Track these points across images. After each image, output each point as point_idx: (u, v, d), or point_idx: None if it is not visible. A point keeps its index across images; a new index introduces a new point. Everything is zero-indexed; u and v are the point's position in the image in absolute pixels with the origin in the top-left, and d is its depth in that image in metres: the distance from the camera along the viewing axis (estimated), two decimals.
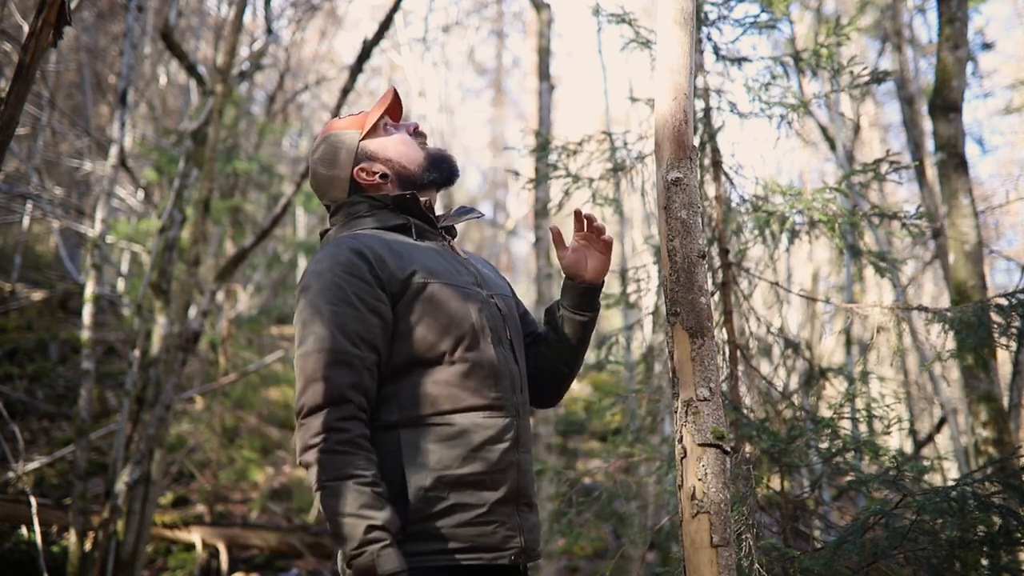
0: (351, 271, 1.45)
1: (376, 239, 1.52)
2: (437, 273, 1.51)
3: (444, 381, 1.46)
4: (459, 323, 1.48)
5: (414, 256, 1.52)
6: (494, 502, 1.44)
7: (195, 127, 6.15)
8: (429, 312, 1.47)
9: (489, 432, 1.46)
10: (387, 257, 1.48)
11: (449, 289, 1.50)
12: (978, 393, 3.41)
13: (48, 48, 1.91)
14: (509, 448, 1.48)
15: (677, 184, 1.51)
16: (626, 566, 6.08)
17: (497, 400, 1.49)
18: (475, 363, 1.48)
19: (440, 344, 1.46)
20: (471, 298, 1.53)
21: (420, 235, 1.61)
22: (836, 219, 2.79)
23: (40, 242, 12.24)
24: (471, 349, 1.48)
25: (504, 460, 1.46)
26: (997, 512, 2.03)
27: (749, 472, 2.34)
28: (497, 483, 1.45)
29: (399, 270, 1.47)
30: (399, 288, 1.47)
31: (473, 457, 1.43)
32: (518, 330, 1.65)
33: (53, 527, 6.14)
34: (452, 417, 1.45)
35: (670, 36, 1.58)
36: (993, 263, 10.78)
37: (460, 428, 1.44)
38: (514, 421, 1.51)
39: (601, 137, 3.34)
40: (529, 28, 9.79)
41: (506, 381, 1.52)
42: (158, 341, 5.84)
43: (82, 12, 8.98)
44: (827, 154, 9.51)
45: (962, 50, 3.84)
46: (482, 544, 1.41)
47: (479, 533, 1.41)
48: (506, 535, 1.44)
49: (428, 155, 1.68)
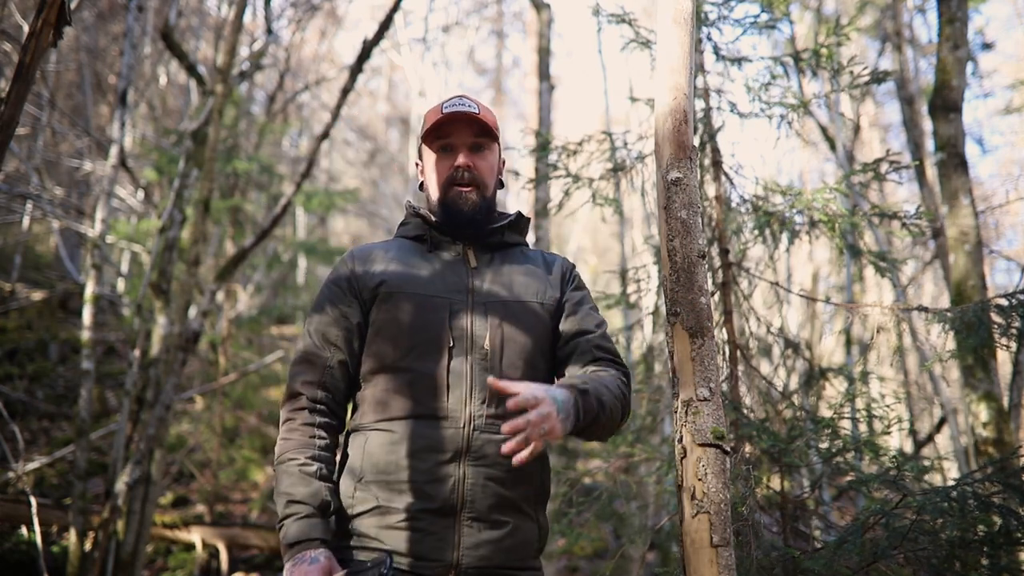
0: (333, 278, 1.62)
1: (385, 247, 1.65)
2: (405, 284, 1.56)
3: (392, 388, 1.51)
4: (412, 333, 1.51)
5: (395, 266, 1.59)
6: (423, 510, 1.43)
7: (195, 127, 6.15)
8: (388, 322, 1.54)
9: (425, 441, 1.46)
10: (371, 266, 1.59)
11: (412, 299, 1.54)
12: (978, 393, 3.40)
13: (48, 48, 1.91)
14: (449, 460, 1.45)
15: (677, 184, 1.51)
16: (626, 566, 6.08)
17: (439, 411, 1.47)
18: (420, 373, 1.49)
19: (393, 352, 1.52)
20: (438, 308, 1.53)
21: (435, 246, 1.65)
22: (836, 219, 2.79)
23: (40, 242, 12.24)
24: (419, 359, 1.50)
25: (441, 471, 1.44)
26: (997, 512, 2.03)
27: (749, 472, 2.34)
28: (427, 493, 1.44)
29: (371, 279, 1.57)
30: (369, 296, 1.57)
31: (407, 464, 1.45)
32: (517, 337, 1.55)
33: (53, 527, 6.13)
34: (395, 423, 1.49)
35: (670, 36, 1.59)
36: (993, 263, 10.78)
37: (400, 435, 1.47)
38: (461, 433, 1.46)
39: (601, 137, 3.34)
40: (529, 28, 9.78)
41: (456, 392, 1.48)
42: (158, 341, 5.84)
43: (82, 12, 8.98)
44: (827, 154, 9.51)
45: (962, 50, 3.84)
46: (403, 549, 1.42)
47: (402, 538, 1.43)
48: (433, 545, 1.42)
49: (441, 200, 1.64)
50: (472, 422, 1.47)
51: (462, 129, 1.62)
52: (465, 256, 1.63)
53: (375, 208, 16.04)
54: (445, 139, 1.63)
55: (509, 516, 1.48)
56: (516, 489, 1.49)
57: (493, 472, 1.47)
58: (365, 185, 16.27)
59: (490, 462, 1.47)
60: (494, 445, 1.47)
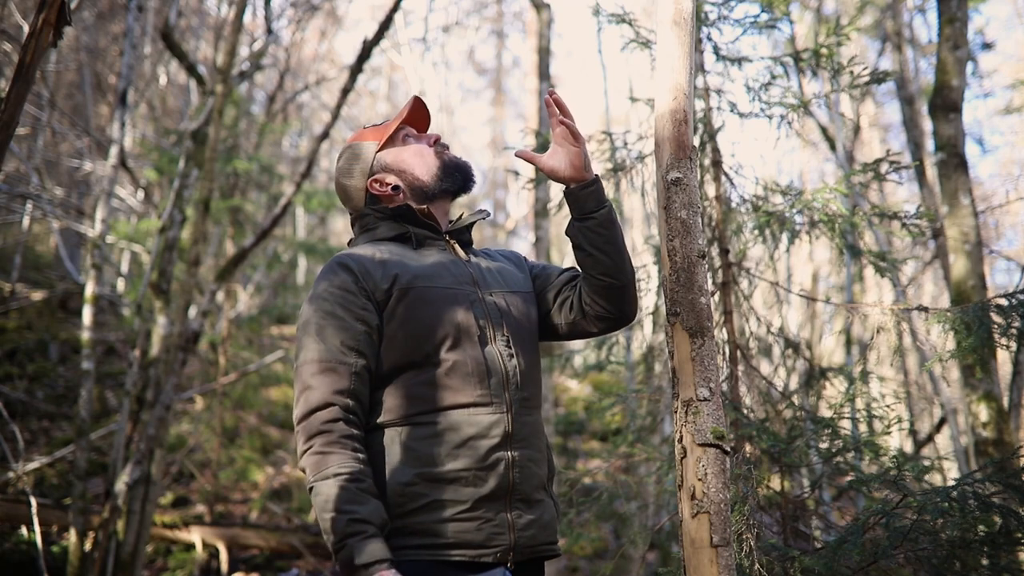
0: (337, 283, 1.54)
1: (368, 251, 1.60)
2: (420, 278, 1.55)
3: (427, 382, 1.49)
4: (441, 324, 1.51)
5: (400, 264, 1.57)
6: (478, 499, 1.44)
7: (195, 127, 6.15)
8: (411, 316, 1.52)
9: (473, 429, 1.47)
10: (372, 268, 1.55)
11: (432, 292, 1.54)
12: (978, 393, 3.41)
13: (48, 48, 1.91)
14: (498, 444, 1.48)
15: (677, 184, 1.51)
16: (626, 566, 6.08)
17: (482, 397, 1.49)
18: (457, 362, 1.50)
19: (423, 346, 1.50)
20: (457, 298, 1.55)
21: (420, 243, 1.65)
22: (836, 219, 2.79)
23: (40, 242, 12.24)
24: (453, 349, 1.51)
25: (491, 456, 1.46)
26: (997, 512, 2.03)
27: (749, 472, 2.34)
28: (482, 480, 1.45)
29: (383, 279, 1.54)
30: (383, 296, 1.53)
31: (456, 454, 1.45)
32: (523, 326, 1.64)
33: (53, 527, 6.13)
34: (435, 416, 1.48)
35: (670, 36, 1.58)
36: (993, 263, 10.79)
37: (443, 426, 1.47)
38: (504, 417, 1.50)
39: (601, 137, 3.35)
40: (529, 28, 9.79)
41: (495, 378, 1.52)
42: (158, 341, 5.84)
43: (82, 12, 8.98)
44: (827, 154, 9.51)
45: (962, 50, 3.84)
46: (464, 540, 1.42)
47: (462, 529, 1.42)
48: (492, 532, 1.44)
49: (443, 164, 1.69)
50: (513, 406, 1.52)
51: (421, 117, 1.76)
52: (454, 250, 1.67)
53: None
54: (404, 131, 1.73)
55: (543, 495, 1.56)
56: (543, 469, 1.58)
57: (532, 453, 1.54)
58: None
59: (528, 444, 1.53)
60: (527, 427, 1.54)
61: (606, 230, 1.60)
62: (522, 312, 1.65)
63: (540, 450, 1.57)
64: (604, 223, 1.60)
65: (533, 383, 1.60)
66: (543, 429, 1.62)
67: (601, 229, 1.59)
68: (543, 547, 1.53)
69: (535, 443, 1.56)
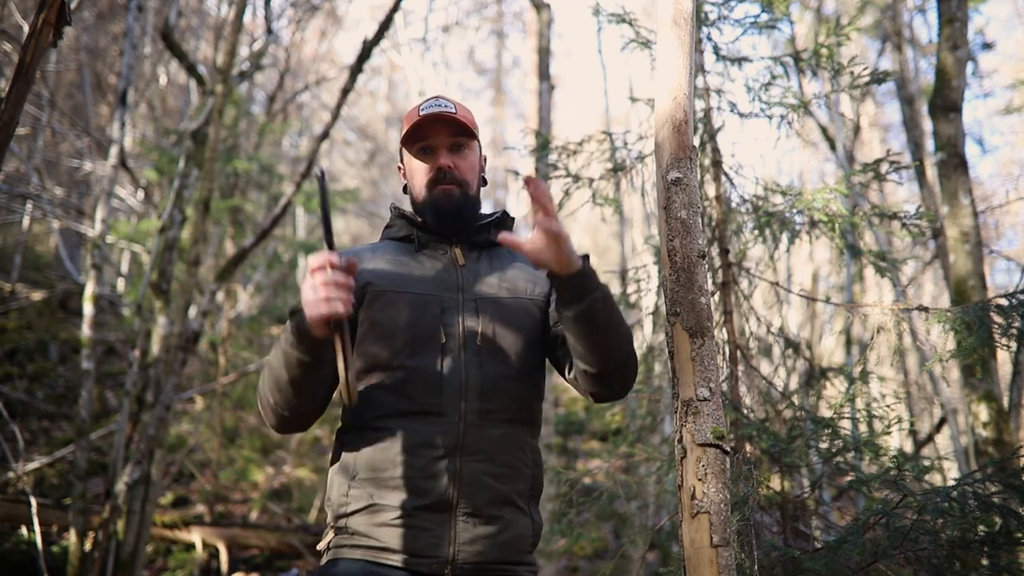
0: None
1: (373, 248, 1.66)
2: (394, 283, 1.57)
3: (385, 386, 1.51)
4: (403, 331, 1.52)
5: (384, 267, 1.60)
6: (418, 507, 1.44)
7: (195, 127, 6.15)
8: (378, 321, 1.54)
9: (418, 438, 1.47)
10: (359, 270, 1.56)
11: (402, 297, 1.55)
12: (978, 393, 3.41)
13: (48, 48, 1.91)
14: (444, 455, 1.46)
15: (677, 184, 1.51)
16: (626, 566, 6.08)
17: (432, 406, 1.48)
18: (413, 369, 1.50)
19: (385, 351, 1.52)
20: (428, 305, 1.54)
21: (423, 245, 1.66)
22: (836, 219, 2.79)
23: (40, 242, 12.24)
24: (411, 356, 1.51)
25: (435, 467, 1.45)
26: (997, 512, 2.03)
27: (749, 472, 2.34)
28: (423, 489, 1.44)
29: (361, 281, 1.56)
30: (358, 296, 1.55)
31: (400, 460, 1.46)
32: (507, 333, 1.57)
33: (53, 527, 6.13)
34: (388, 421, 1.49)
35: (670, 36, 1.58)
36: (993, 263, 10.78)
37: (393, 432, 1.48)
38: (455, 428, 1.47)
39: (601, 137, 3.34)
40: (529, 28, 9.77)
41: (450, 387, 1.49)
42: (158, 341, 5.84)
43: (82, 12, 8.98)
44: (827, 154, 9.51)
45: (962, 50, 3.83)
46: (399, 546, 1.42)
47: (398, 535, 1.43)
48: (429, 542, 1.43)
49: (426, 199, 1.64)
50: (466, 418, 1.49)
51: (440, 130, 1.63)
52: (453, 254, 1.65)
53: (375, 208, 16.03)
54: (424, 141, 1.64)
55: (503, 511, 1.49)
56: (510, 484, 1.51)
57: (488, 467, 1.48)
58: (365, 185, 16.28)
59: (484, 457, 1.48)
60: (488, 440, 1.49)
61: (588, 321, 1.45)
62: (512, 321, 1.58)
63: (507, 465, 1.50)
64: (586, 314, 1.44)
65: (505, 395, 1.53)
66: (524, 443, 1.55)
67: (584, 317, 1.44)
68: (498, 566, 1.47)
69: (498, 457, 1.50)
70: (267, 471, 8.67)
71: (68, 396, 8.43)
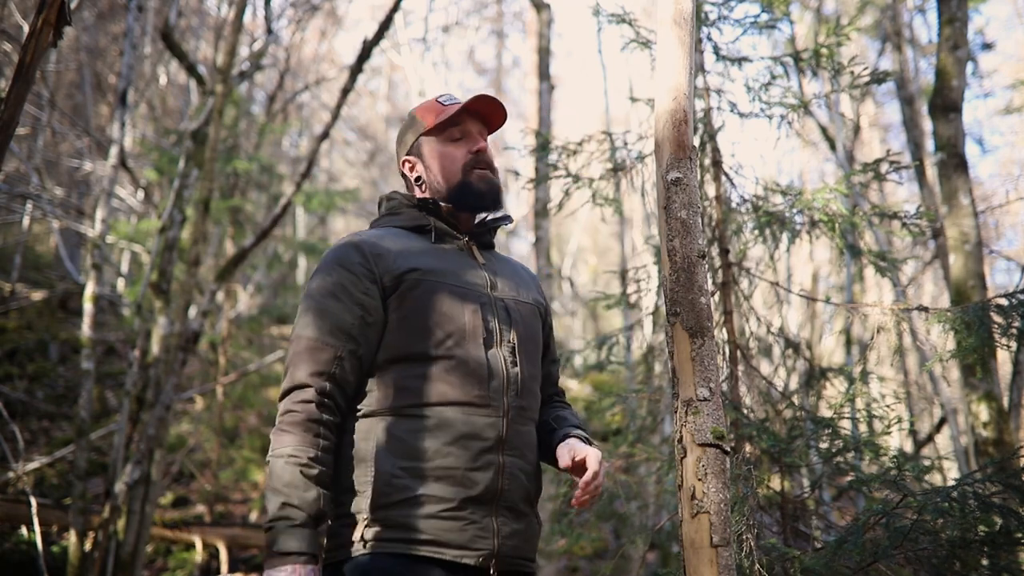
0: (343, 263, 1.52)
1: (385, 235, 1.59)
2: (434, 272, 1.53)
3: (426, 375, 1.47)
4: (448, 321, 1.49)
5: (416, 254, 1.55)
6: (465, 499, 1.42)
7: (195, 127, 6.15)
8: (419, 309, 1.49)
9: (467, 428, 1.45)
10: (386, 253, 1.53)
11: (444, 287, 1.52)
12: (978, 393, 3.41)
13: (48, 48, 1.91)
14: (491, 448, 1.46)
15: (677, 184, 1.51)
16: (626, 566, 6.08)
17: (480, 398, 1.47)
18: (460, 360, 1.47)
19: (426, 340, 1.48)
20: (468, 298, 1.53)
21: (439, 238, 1.62)
22: (836, 219, 2.79)
23: (40, 242, 12.24)
24: (457, 347, 1.48)
25: (482, 459, 1.44)
26: (997, 512, 2.03)
27: (749, 472, 2.34)
28: (471, 480, 1.43)
29: (396, 266, 1.51)
30: (392, 283, 1.50)
31: (447, 451, 1.43)
32: (530, 336, 1.61)
33: (53, 527, 6.13)
34: (430, 410, 1.45)
35: (670, 36, 1.58)
36: (993, 263, 10.78)
37: (437, 421, 1.44)
38: (501, 422, 1.48)
39: (601, 137, 3.34)
40: (529, 28, 9.79)
41: (495, 381, 1.49)
42: (158, 341, 5.84)
43: (82, 12, 8.98)
44: (827, 154, 9.51)
45: (962, 50, 3.83)
46: (446, 539, 1.40)
47: (445, 528, 1.40)
48: (476, 535, 1.41)
49: (462, 182, 1.64)
50: (509, 412, 1.50)
51: (471, 120, 1.67)
52: (471, 251, 1.64)
53: (375, 208, 15.98)
54: (458, 127, 1.66)
55: (528, 508, 1.54)
56: (533, 482, 1.56)
57: (522, 464, 1.51)
58: (365, 185, 16.27)
59: (520, 454, 1.51)
60: (521, 437, 1.53)
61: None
62: (530, 323, 1.63)
63: (531, 463, 1.55)
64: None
65: (532, 395, 1.58)
66: (536, 444, 1.60)
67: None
68: (523, 561, 1.50)
69: (527, 455, 1.53)
70: (266, 471, 8.67)
71: (68, 396, 8.43)
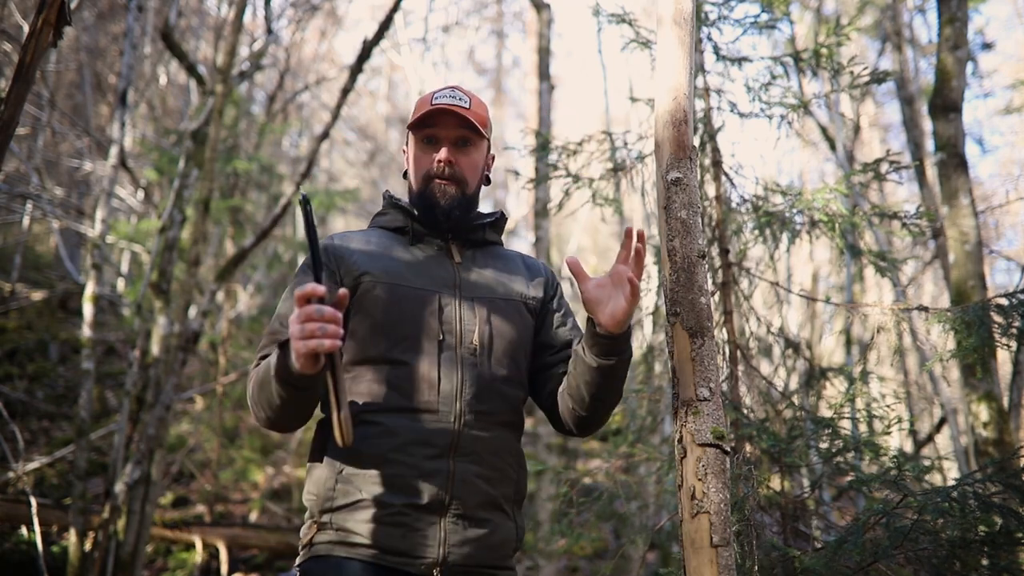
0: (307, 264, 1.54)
1: (363, 236, 1.61)
2: (392, 274, 1.53)
3: (378, 380, 1.47)
4: (400, 326, 1.48)
5: (379, 257, 1.56)
6: (408, 505, 1.40)
7: (195, 127, 6.15)
8: (372, 313, 1.50)
9: (413, 435, 1.43)
10: (348, 254, 1.55)
11: (400, 290, 1.51)
12: (978, 393, 3.40)
13: (48, 48, 1.91)
14: (439, 454, 1.43)
15: (677, 184, 1.51)
16: (626, 566, 6.08)
17: (428, 404, 1.45)
18: (411, 364, 1.47)
19: (379, 344, 1.48)
20: (425, 301, 1.51)
21: (417, 238, 1.61)
22: (836, 219, 2.79)
23: (40, 242, 12.24)
24: (410, 351, 1.47)
25: (429, 466, 1.42)
26: (998, 512, 2.03)
27: (749, 472, 2.34)
28: (415, 488, 1.41)
29: (355, 269, 1.54)
30: (351, 284, 1.52)
31: (392, 458, 1.42)
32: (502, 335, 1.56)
33: (53, 527, 6.13)
34: (380, 416, 1.45)
35: (670, 36, 1.58)
36: (993, 263, 10.78)
37: (386, 427, 1.44)
38: (451, 428, 1.45)
39: (601, 137, 3.34)
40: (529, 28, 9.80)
41: (446, 385, 1.47)
42: (158, 341, 5.84)
43: (82, 12, 8.98)
44: (827, 154, 9.51)
45: (962, 50, 3.83)
46: (388, 545, 1.39)
47: (387, 534, 1.39)
48: (419, 542, 1.40)
49: (420, 192, 1.60)
50: (462, 417, 1.46)
51: (448, 122, 1.58)
52: (449, 250, 1.62)
53: (375, 208, 16.00)
54: (430, 129, 1.59)
55: (491, 514, 1.48)
56: (499, 488, 1.50)
57: (480, 470, 1.47)
58: (365, 185, 16.27)
59: (476, 459, 1.47)
60: (480, 442, 1.47)
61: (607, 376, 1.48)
62: (506, 323, 1.57)
63: (497, 468, 1.49)
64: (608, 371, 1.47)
65: (498, 396, 1.52)
66: (511, 447, 1.54)
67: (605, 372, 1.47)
68: (484, 569, 1.45)
69: (490, 460, 1.48)
70: (267, 471, 8.67)
71: (68, 396, 8.43)
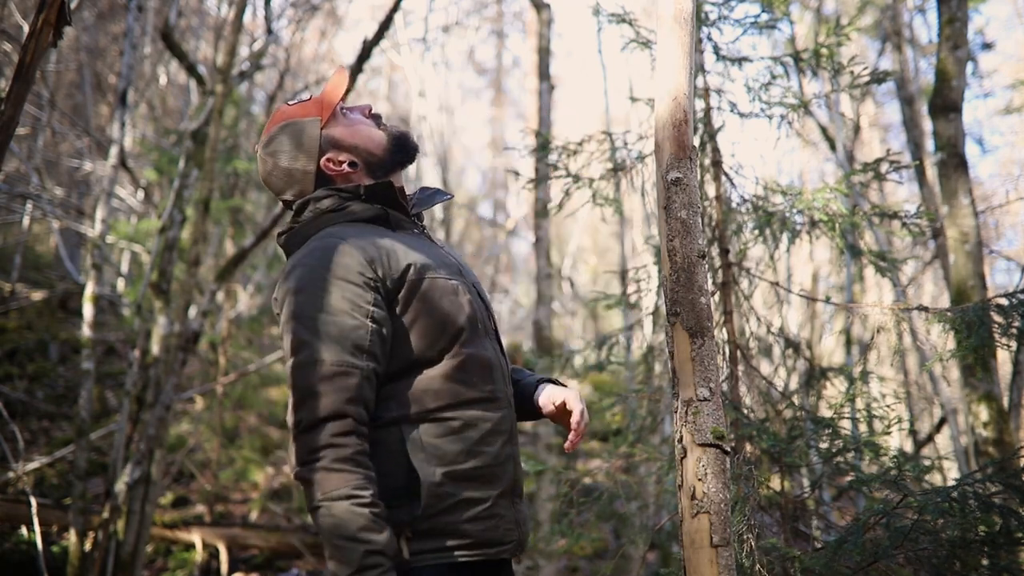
0: (343, 275, 1.38)
1: (361, 235, 1.45)
2: (429, 267, 1.46)
3: (443, 376, 1.43)
4: (455, 318, 1.45)
5: (403, 250, 1.45)
6: (496, 496, 1.44)
7: (195, 127, 6.15)
8: (426, 309, 1.42)
9: (488, 425, 1.45)
10: (377, 255, 1.41)
11: (442, 283, 1.46)
12: (978, 393, 3.40)
13: (48, 48, 1.91)
14: (507, 440, 1.48)
15: (677, 184, 1.51)
16: (626, 566, 6.08)
17: (493, 392, 1.48)
18: (470, 357, 1.45)
19: (439, 341, 1.43)
20: (459, 290, 1.49)
21: (397, 225, 1.55)
22: (836, 219, 2.79)
23: (40, 242, 12.23)
24: (467, 344, 1.46)
25: (503, 453, 1.47)
26: (998, 512, 2.03)
27: (749, 472, 2.34)
28: (498, 476, 1.44)
29: (393, 267, 1.42)
30: (395, 286, 1.41)
31: (476, 451, 1.42)
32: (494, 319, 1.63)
33: (53, 527, 6.13)
34: (454, 412, 1.42)
35: (670, 36, 1.58)
36: (993, 263, 10.78)
37: (463, 423, 1.42)
38: (508, 413, 1.51)
39: (601, 137, 3.34)
40: (529, 28, 9.80)
41: (498, 372, 1.51)
42: (158, 341, 5.84)
43: (82, 12, 8.98)
44: (827, 154, 9.51)
45: (962, 50, 3.83)
46: (487, 539, 1.41)
47: (485, 528, 1.41)
48: (507, 529, 1.44)
49: (391, 136, 1.60)
50: (510, 402, 1.53)
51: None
52: (427, 234, 1.62)
53: None
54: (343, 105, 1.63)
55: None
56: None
57: (518, 450, 1.54)
58: None
59: (517, 440, 1.54)
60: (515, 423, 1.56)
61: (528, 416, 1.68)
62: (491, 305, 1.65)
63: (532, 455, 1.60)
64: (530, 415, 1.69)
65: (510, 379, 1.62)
66: None
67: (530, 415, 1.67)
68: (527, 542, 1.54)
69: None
70: (267, 471, 8.67)
71: (68, 396, 8.43)
